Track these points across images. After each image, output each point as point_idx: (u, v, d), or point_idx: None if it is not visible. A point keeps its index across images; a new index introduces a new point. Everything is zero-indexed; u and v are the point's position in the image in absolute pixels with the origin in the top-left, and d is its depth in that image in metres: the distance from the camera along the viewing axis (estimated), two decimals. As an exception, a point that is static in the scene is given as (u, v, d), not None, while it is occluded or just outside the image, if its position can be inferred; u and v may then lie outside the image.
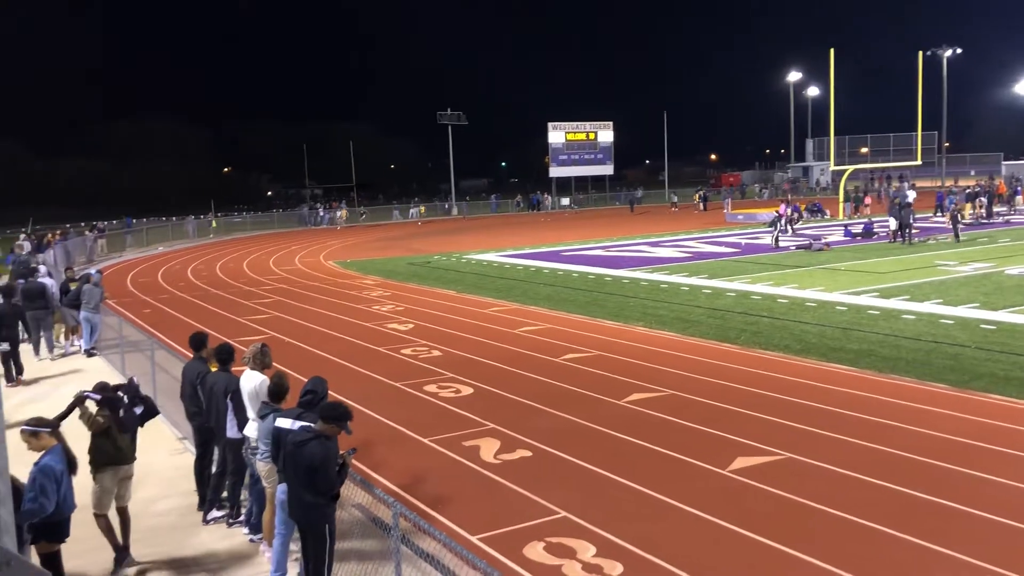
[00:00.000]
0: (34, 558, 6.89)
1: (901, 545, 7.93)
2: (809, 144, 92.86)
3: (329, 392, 7.66)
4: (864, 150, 57.33)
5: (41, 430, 7.04)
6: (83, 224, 57.64)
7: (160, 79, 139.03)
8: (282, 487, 7.24)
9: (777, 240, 34.75)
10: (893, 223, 34.97)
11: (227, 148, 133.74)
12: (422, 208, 75.78)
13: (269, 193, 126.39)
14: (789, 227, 37.03)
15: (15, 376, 15.92)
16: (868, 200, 51.39)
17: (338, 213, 72.33)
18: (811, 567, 7.57)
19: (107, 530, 8.01)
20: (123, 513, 8.31)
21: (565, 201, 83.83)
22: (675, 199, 72.50)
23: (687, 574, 7.52)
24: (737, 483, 9.63)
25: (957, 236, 33.92)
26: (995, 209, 43.97)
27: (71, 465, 7.05)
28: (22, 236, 36.31)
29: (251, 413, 8.33)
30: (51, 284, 19.74)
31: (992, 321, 17.82)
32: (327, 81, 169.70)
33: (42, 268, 22.59)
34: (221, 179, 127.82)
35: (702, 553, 7.93)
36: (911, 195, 41.45)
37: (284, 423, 7.23)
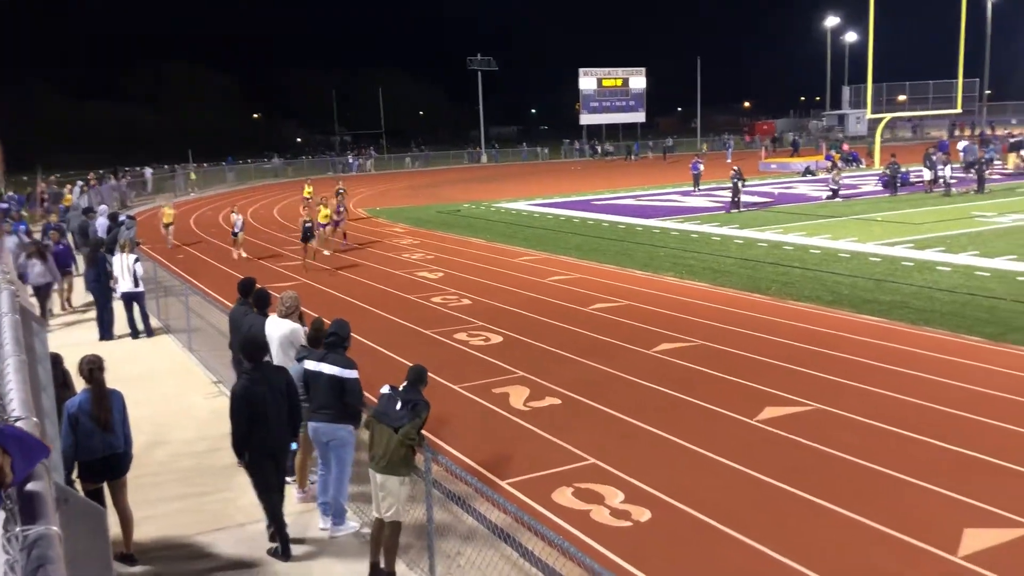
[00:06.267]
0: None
1: (929, 496, 7.95)
2: (845, 91, 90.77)
3: (352, 335, 7.75)
4: (902, 97, 55.96)
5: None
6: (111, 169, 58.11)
7: (189, 23, 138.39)
8: (316, 425, 7.52)
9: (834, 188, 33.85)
10: (928, 174, 34.32)
11: (256, 94, 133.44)
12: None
13: (299, 140, 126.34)
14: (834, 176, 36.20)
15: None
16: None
17: (368, 161, 72.27)
18: (838, 516, 7.62)
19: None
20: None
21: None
22: (704, 148, 71.63)
23: (714, 521, 7.60)
24: (765, 433, 9.67)
25: (981, 187, 33.11)
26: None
27: (92, 412, 7.04)
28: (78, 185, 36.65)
29: (280, 359, 8.45)
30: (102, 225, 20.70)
31: (1029, 273, 17.54)
32: (357, 27, 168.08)
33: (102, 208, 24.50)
34: (250, 125, 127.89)
35: (729, 501, 8.00)
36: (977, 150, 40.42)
37: (311, 364, 7.51)
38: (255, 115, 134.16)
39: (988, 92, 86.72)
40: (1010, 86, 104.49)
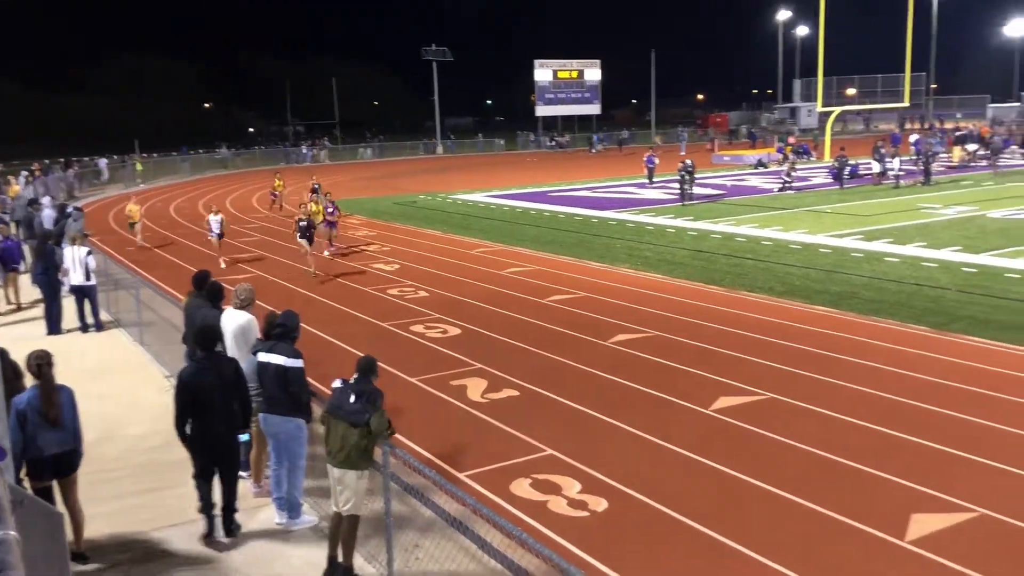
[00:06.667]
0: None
1: (878, 482, 8.14)
2: (797, 85, 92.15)
3: (300, 325, 7.70)
4: (851, 91, 56.97)
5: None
6: (62, 160, 56.75)
7: (140, 12, 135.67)
8: (266, 417, 7.54)
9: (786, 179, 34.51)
10: (876, 166, 35.00)
11: (209, 84, 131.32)
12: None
13: (251, 129, 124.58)
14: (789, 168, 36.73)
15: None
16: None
17: (322, 151, 71.55)
18: (789, 503, 7.77)
19: None
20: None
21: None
22: (658, 140, 72.15)
23: (670, 510, 7.70)
24: (720, 422, 9.81)
25: (927, 179, 33.89)
26: (979, 152, 43.96)
27: (41, 409, 6.88)
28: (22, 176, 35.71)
29: (234, 351, 8.37)
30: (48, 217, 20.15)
31: (973, 264, 18.02)
32: (311, 16, 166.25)
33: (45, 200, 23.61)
34: (202, 115, 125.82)
35: (685, 490, 8.11)
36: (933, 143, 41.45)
37: (261, 356, 7.50)
38: (207, 104, 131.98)
39: (934, 86, 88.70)
40: (955, 80, 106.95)
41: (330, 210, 23.31)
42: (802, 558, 6.82)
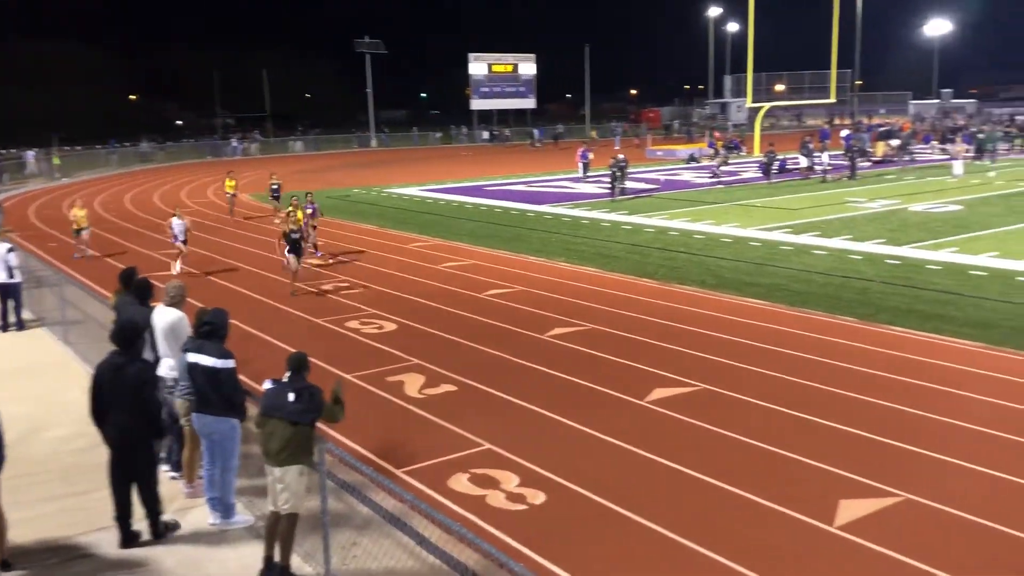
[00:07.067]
0: None
1: (807, 470, 8.35)
2: (727, 80, 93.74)
3: (229, 323, 7.53)
4: (780, 87, 58.20)
5: None
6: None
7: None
8: (198, 416, 7.38)
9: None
10: (804, 161, 35.85)
11: (134, 74, 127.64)
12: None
13: (179, 122, 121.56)
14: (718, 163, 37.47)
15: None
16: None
17: (252, 145, 70.32)
18: (723, 492, 7.92)
19: None
20: None
21: (485, 135, 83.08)
22: (593, 134, 72.73)
23: (608, 502, 7.78)
24: (655, 413, 9.95)
25: (853, 174, 34.91)
26: (904, 147, 45.31)
27: None
28: None
29: (164, 350, 8.17)
30: None
31: (896, 256, 18.59)
32: (240, 6, 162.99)
33: None
34: (127, 106, 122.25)
35: (622, 481, 8.20)
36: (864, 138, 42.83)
37: (190, 356, 7.33)
38: (132, 96, 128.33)
39: (859, 83, 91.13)
40: (879, 78, 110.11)
41: (310, 211, 20.48)
42: (735, 545, 6.95)
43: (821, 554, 6.84)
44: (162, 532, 7.25)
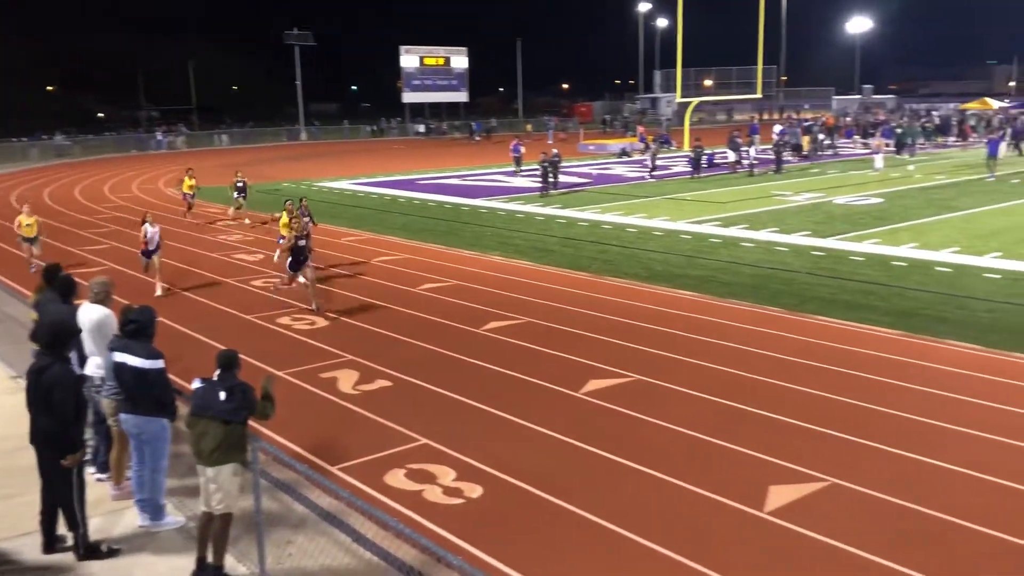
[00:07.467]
0: None
1: (738, 457, 8.54)
2: (657, 76, 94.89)
3: (156, 320, 7.34)
4: (709, 82, 59.15)
5: None
6: None
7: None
8: (126, 417, 7.19)
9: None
10: (732, 155, 36.58)
11: (52, 64, 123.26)
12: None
13: (100, 115, 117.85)
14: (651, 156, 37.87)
15: None
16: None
17: (178, 138, 68.63)
18: (659, 481, 8.04)
19: None
20: None
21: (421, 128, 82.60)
22: (528, 128, 72.91)
23: (545, 493, 7.84)
24: (590, 405, 10.05)
25: (779, 168, 35.79)
26: (826, 141, 46.54)
27: None
28: None
29: (91, 349, 7.95)
30: None
31: (822, 248, 19.11)
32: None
33: None
34: (45, 98, 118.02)
35: (559, 472, 8.27)
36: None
37: (116, 355, 7.13)
38: (49, 88, 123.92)
39: (784, 79, 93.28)
40: (803, 74, 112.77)
41: (307, 219, 17.84)
42: (670, 533, 7.07)
43: (752, 539, 7.00)
44: (84, 555, 6.83)
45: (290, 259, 14.71)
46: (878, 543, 6.85)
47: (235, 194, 25.82)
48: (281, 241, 17.39)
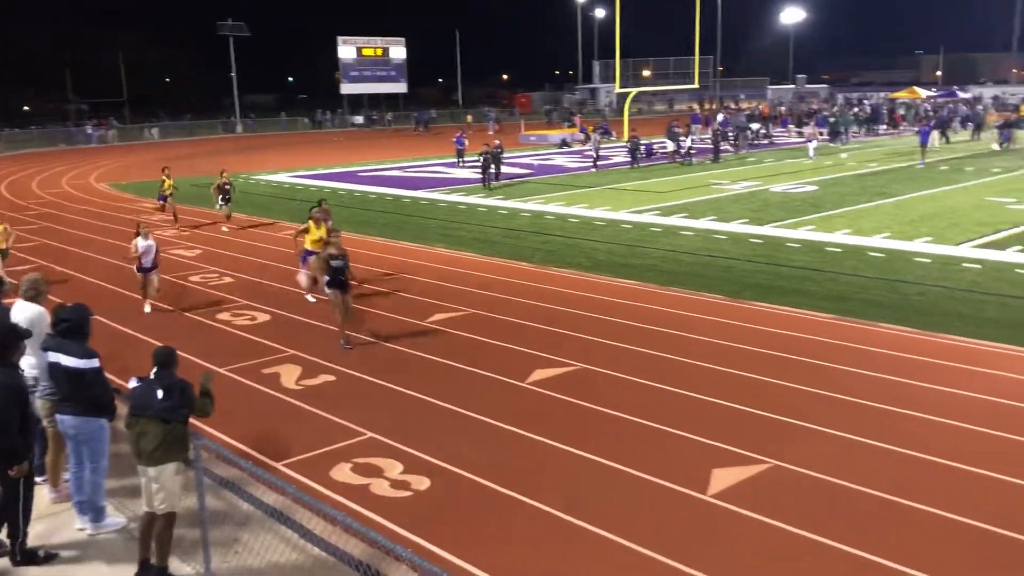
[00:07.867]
0: None
1: (681, 442, 8.68)
2: (596, 66, 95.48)
3: (91, 318, 7.14)
4: (647, 73, 59.71)
5: None
6: None
7: None
8: (62, 418, 6.99)
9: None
10: (671, 145, 37.01)
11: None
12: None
13: (26, 108, 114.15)
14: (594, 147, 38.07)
15: None
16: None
17: (109, 131, 66.81)
18: (604, 467, 8.13)
19: None
20: None
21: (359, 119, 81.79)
22: (469, 119, 72.74)
23: (491, 483, 7.86)
24: (536, 394, 10.10)
25: (716, 157, 36.38)
26: (763, 131, 47.36)
27: None
28: None
29: (24, 348, 7.70)
30: None
31: (759, 235, 19.47)
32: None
33: None
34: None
35: (505, 462, 8.30)
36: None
37: (50, 355, 6.95)
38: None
39: (720, 69, 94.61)
40: (738, 63, 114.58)
41: (329, 224, 15.41)
42: (616, 518, 7.16)
43: (697, 522, 7.13)
44: (20, 561, 6.64)
45: (327, 279, 12.16)
46: (820, 523, 7.03)
47: (219, 199, 23.17)
48: (308, 259, 14.42)
